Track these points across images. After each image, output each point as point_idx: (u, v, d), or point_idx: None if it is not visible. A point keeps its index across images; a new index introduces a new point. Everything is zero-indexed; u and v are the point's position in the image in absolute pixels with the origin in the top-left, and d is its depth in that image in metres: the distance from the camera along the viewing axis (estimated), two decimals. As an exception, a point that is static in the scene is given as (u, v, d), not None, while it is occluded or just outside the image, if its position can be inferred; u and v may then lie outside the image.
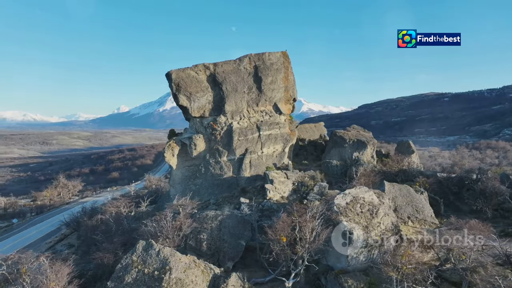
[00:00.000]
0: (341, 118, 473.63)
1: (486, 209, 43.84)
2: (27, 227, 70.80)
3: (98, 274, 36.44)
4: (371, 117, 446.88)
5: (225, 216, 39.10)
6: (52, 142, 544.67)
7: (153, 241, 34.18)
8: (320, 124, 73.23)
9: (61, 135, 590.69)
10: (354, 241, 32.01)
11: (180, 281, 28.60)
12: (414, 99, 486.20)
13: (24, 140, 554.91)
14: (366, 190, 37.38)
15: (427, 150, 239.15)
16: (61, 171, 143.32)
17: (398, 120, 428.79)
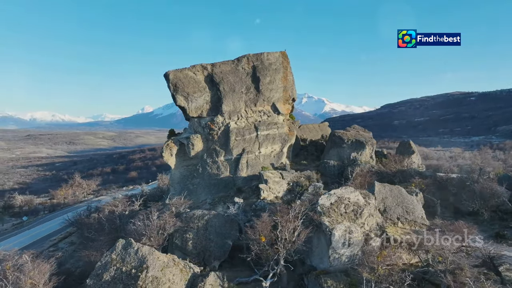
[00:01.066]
0: (363, 118, 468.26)
1: (483, 210, 42.83)
2: (36, 225, 72.64)
3: (87, 271, 37.14)
4: (394, 117, 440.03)
5: (211, 215, 39.37)
6: (79, 142, 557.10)
7: (133, 239, 34.77)
8: (325, 124, 72.80)
9: (87, 135, 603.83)
10: (335, 242, 31.93)
11: (156, 279, 28.92)
12: (439, 98, 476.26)
13: (52, 140, 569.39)
14: (352, 190, 37.06)
15: (449, 150, 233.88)
16: (77, 172, 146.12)
17: (421, 120, 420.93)
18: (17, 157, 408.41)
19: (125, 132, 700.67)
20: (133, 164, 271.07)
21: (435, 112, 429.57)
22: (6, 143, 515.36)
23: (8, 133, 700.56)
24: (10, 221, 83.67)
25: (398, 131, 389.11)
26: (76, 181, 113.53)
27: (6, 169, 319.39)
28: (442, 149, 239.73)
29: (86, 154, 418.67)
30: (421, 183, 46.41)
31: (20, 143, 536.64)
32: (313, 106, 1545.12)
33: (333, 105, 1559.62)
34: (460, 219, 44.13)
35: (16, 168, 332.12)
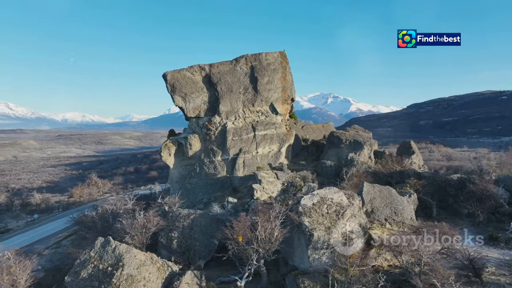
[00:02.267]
0: (388, 118, 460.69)
1: (478, 212, 41.67)
2: (46, 223, 74.70)
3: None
4: (420, 117, 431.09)
5: (197, 215, 39.67)
6: (106, 142, 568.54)
7: (118, 238, 35.49)
8: (329, 124, 72.15)
9: (114, 135, 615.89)
10: (314, 242, 31.69)
11: (131, 278, 29.31)
12: (468, 97, 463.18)
13: (82, 140, 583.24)
14: (335, 191, 36.70)
15: (475, 151, 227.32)
16: (95, 171, 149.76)
17: (449, 120, 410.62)
18: (48, 157, 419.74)
19: (151, 132, 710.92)
20: (155, 164, 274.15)
21: (464, 111, 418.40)
22: (38, 143, 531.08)
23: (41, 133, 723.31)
24: (25, 218, 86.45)
25: (424, 131, 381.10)
26: (93, 180, 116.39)
27: (36, 168, 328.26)
28: (468, 150, 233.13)
29: (112, 154, 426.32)
30: (417, 184, 45.51)
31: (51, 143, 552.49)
32: (338, 106, 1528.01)
33: (359, 105, 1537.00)
34: (457, 221, 43.45)
35: (46, 167, 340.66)
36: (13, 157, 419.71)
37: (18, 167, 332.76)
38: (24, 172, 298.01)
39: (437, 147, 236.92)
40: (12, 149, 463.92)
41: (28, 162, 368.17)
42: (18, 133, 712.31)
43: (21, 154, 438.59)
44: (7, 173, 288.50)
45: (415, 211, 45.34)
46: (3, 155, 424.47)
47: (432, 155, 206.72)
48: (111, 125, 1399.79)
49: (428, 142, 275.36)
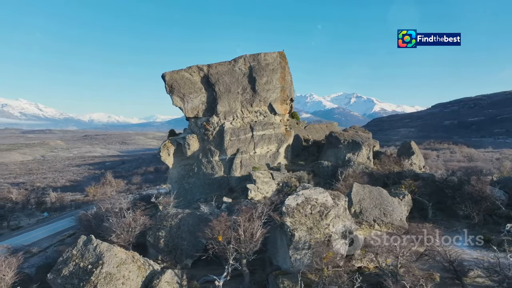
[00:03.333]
0: (411, 118, 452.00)
1: (474, 214, 40.66)
2: (55, 221, 76.52)
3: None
4: (445, 117, 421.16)
5: (185, 214, 39.96)
6: (130, 142, 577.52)
7: (105, 236, 36.05)
8: (333, 124, 71.49)
9: (138, 136, 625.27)
10: (295, 243, 31.70)
11: (109, 276, 29.71)
12: (496, 97, 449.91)
13: (106, 140, 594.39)
14: (321, 191, 36.45)
15: (500, 151, 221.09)
16: (109, 171, 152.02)
17: (475, 120, 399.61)
18: (74, 156, 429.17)
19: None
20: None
21: (491, 111, 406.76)
22: (65, 143, 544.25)
23: (68, 133, 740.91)
24: (39, 217, 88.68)
25: (448, 131, 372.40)
26: (108, 180, 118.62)
27: (62, 167, 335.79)
28: (493, 151, 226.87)
29: (135, 154, 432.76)
30: (412, 184, 44.75)
31: (77, 143, 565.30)
32: (362, 106, 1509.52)
33: (383, 105, 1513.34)
34: (453, 222, 42.68)
35: (71, 166, 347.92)
36: (41, 156, 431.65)
37: (45, 166, 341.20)
38: (50, 171, 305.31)
39: (459, 148, 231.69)
40: (41, 148, 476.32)
41: (55, 162, 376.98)
42: (47, 133, 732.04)
43: (49, 154, 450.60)
44: (34, 172, 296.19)
45: (411, 212, 44.87)
46: (32, 155, 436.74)
47: (453, 156, 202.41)
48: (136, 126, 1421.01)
49: (450, 142, 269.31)
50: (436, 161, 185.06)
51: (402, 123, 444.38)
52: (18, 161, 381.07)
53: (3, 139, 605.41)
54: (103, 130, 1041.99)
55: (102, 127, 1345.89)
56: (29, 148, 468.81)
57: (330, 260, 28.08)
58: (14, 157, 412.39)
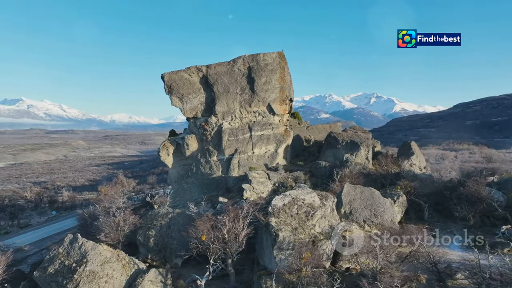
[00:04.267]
0: (432, 119, 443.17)
1: (469, 215, 39.76)
2: (63, 219, 77.94)
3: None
4: (467, 117, 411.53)
5: (175, 214, 40.14)
6: (150, 142, 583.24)
7: (95, 235, 36.49)
8: (337, 124, 70.74)
9: (157, 136, 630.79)
10: (279, 243, 31.70)
11: (93, 274, 30.09)
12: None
13: (126, 140, 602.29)
14: (308, 191, 36.32)
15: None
16: (121, 171, 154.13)
17: (498, 120, 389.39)
18: (94, 156, 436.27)
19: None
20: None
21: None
22: (87, 143, 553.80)
23: (90, 133, 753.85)
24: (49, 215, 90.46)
25: (470, 132, 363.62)
26: (119, 179, 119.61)
27: (82, 167, 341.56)
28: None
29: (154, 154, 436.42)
30: (408, 185, 44.00)
31: (98, 143, 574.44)
32: (382, 106, 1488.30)
33: (404, 105, 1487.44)
34: (450, 224, 41.83)
35: (91, 166, 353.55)
36: (64, 156, 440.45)
37: (66, 166, 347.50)
38: (70, 170, 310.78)
39: (479, 148, 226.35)
40: (63, 148, 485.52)
41: (76, 161, 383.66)
42: (70, 133, 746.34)
43: (71, 154, 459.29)
44: (55, 172, 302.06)
45: (407, 213, 44.35)
46: (55, 154, 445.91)
47: (472, 157, 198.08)
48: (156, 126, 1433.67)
49: (470, 143, 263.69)
50: (453, 162, 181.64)
51: (422, 123, 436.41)
52: (41, 161, 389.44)
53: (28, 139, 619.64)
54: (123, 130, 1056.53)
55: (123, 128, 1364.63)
56: (52, 148, 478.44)
57: (309, 260, 27.83)
58: (38, 156, 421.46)
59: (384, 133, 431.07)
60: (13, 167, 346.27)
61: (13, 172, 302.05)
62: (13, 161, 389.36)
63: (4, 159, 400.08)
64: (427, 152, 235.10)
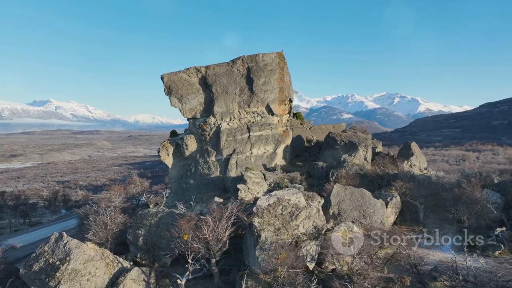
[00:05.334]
0: (457, 119, 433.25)
1: (464, 217, 38.72)
2: (72, 218, 79.29)
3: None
4: (494, 117, 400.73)
5: (165, 213, 40.23)
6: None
7: (84, 234, 37.00)
8: (341, 125, 69.64)
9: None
10: (261, 243, 31.64)
11: (75, 272, 30.51)
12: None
13: (149, 140, 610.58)
14: (294, 192, 36.02)
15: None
16: (137, 171, 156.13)
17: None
18: (117, 156, 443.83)
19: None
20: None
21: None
22: (110, 143, 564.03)
23: (114, 134, 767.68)
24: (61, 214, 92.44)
25: (497, 132, 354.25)
26: (133, 179, 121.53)
27: (105, 166, 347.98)
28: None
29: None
30: (403, 186, 43.08)
31: (122, 143, 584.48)
32: (406, 106, 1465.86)
33: (429, 105, 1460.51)
34: (445, 226, 40.90)
35: (113, 166, 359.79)
36: (88, 156, 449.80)
37: (90, 165, 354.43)
38: (93, 170, 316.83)
39: (504, 149, 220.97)
40: (88, 148, 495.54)
41: (99, 161, 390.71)
42: (95, 134, 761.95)
43: (95, 154, 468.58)
44: (79, 171, 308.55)
45: (403, 215, 43.69)
46: (80, 154, 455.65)
47: (495, 158, 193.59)
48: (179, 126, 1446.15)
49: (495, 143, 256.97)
50: (474, 163, 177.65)
51: (446, 123, 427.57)
52: (66, 161, 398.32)
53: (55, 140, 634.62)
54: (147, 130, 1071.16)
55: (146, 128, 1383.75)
56: (77, 148, 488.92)
57: (284, 261, 27.57)
58: (63, 156, 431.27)
59: (406, 134, 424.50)
60: (40, 166, 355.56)
61: (39, 172, 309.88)
62: (40, 161, 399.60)
63: (32, 159, 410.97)
64: (448, 153, 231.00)
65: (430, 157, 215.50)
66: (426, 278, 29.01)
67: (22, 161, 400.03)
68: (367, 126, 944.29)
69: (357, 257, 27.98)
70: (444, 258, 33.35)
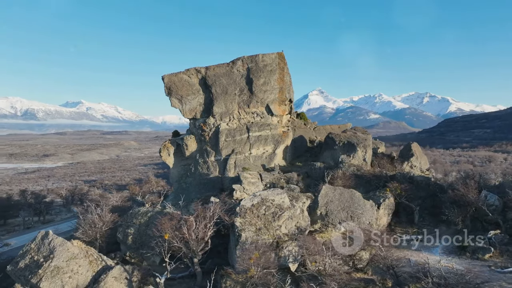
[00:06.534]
0: (488, 119, 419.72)
1: (458, 220, 37.58)
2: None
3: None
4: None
5: (154, 212, 40.45)
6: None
7: (51, 231, 37.53)
8: (347, 125, 68.32)
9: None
10: (242, 243, 31.51)
11: (57, 269, 30.94)
12: None
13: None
14: (279, 192, 35.78)
15: None
16: (152, 171, 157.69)
17: None
18: (144, 156, 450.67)
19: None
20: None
21: None
22: (138, 144, 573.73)
23: (142, 134, 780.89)
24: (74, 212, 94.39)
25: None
26: (150, 179, 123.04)
27: (131, 166, 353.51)
28: None
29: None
30: (398, 188, 42.11)
31: (149, 144, 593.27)
32: (435, 106, 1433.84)
33: (460, 105, 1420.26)
34: (440, 227, 39.90)
35: (139, 166, 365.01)
36: (116, 156, 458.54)
37: (117, 165, 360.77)
38: (119, 170, 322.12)
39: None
40: (116, 149, 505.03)
41: (126, 161, 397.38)
42: (123, 134, 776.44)
43: (123, 154, 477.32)
44: (106, 171, 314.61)
45: (398, 216, 42.90)
46: (108, 154, 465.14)
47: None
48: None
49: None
50: (501, 164, 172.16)
51: (477, 123, 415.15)
52: (95, 160, 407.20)
53: (86, 140, 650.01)
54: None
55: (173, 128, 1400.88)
56: (106, 148, 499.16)
57: (256, 261, 27.32)
58: (93, 156, 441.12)
59: (434, 134, 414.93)
60: (70, 166, 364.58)
61: (69, 171, 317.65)
62: (71, 160, 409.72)
63: (63, 159, 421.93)
64: (475, 154, 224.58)
65: (455, 158, 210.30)
66: (407, 281, 28.22)
67: (54, 160, 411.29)
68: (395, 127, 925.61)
69: (331, 258, 27.55)
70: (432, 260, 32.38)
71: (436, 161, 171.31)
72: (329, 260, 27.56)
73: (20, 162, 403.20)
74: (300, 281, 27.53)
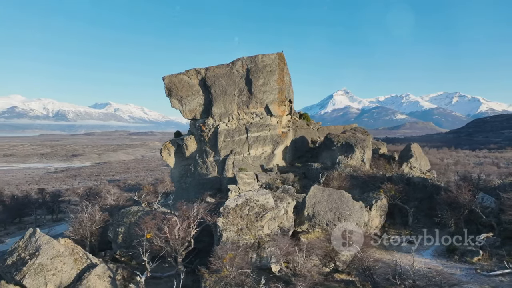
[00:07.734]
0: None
1: (450, 222, 36.62)
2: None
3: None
4: None
5: (144, 212, 40.70)
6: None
7: (38, 229, 38.16)
8: (352, 126, 67.25)
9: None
10: (223, 243, 31.65)
11: (41, 267, 31.54)
12: None
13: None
14: (263, 193, 35.67)
15: None
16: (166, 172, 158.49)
17: None
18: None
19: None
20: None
21: None
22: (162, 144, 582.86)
23: (166, 135, 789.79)
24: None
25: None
26: (164, 179, 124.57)
27: (154, 166, 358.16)
28: None
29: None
30: (392, 189, 41.23)
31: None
32: (465, 106, 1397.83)
33: (491, 104, 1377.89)
34: (435, 230, 38.95)
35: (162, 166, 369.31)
36: (141, 156, 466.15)
37: (141, 165, 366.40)
38: (143, 170, 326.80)
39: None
40: (141, 149, 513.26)
41: (150, 161, 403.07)
42: (149, 135, 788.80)
43: (148, 154, 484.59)
44: (130, 171, 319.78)
45: (393, 218, 42.22)
46: (134, 155, 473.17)
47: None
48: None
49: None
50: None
51: (508, 124, 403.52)
52: (121, 160, 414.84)
53: (113, 140, 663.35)
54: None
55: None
56: (132, 149, 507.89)
57: (230, 261, 27.18)
58: (119, 156, 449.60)
59: (462, 135, 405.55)
60: (96, 166, 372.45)
61: (95, 171, 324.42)
62: (98, 160, 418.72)
63: (90, 159, 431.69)
64: (501, 155, 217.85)
65: (480, 159, 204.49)
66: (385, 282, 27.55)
67: (82, 160, 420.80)
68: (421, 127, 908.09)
69: (304, 258, 27.26)
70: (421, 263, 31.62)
71: (458, 162, 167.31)
72: (302, 260, 27.24)
73: (50, 161, 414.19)
74: (271, 282, 27.15)
